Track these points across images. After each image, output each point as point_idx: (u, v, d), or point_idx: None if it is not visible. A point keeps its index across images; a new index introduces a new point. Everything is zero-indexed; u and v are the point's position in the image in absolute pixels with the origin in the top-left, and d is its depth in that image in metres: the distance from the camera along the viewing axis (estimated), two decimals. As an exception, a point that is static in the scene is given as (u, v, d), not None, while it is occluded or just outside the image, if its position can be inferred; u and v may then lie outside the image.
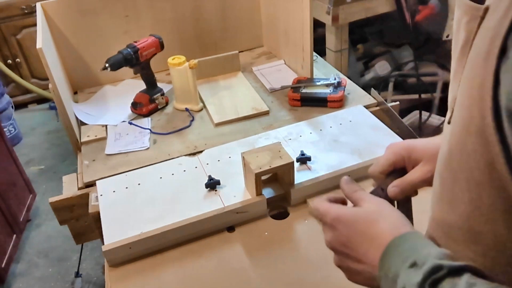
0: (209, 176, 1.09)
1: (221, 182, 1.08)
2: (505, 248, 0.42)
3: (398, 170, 0.64)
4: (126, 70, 1.40)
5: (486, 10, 0.39)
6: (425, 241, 0.47)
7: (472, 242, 0.44)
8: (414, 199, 0.64)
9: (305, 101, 1.39)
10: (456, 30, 0.45)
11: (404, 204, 0.62)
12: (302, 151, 1.13)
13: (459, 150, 0.42)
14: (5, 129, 2.64)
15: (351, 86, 1.47)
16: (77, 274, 1.97)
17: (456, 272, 0.41)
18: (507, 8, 0.36)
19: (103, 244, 0.95)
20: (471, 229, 0.44)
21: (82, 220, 1.18)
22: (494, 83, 0.36)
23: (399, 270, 0.44)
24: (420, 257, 0.43)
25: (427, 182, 0.61)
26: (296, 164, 1.10)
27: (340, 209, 0.55)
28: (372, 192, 0.62)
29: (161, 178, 1.14)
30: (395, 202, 0.62)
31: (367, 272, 0.50)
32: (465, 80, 0.41)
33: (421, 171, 0.61)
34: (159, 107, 1.46)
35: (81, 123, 1.42)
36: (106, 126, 1.39)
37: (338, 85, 1.39)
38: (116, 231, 0.98)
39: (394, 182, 0.62)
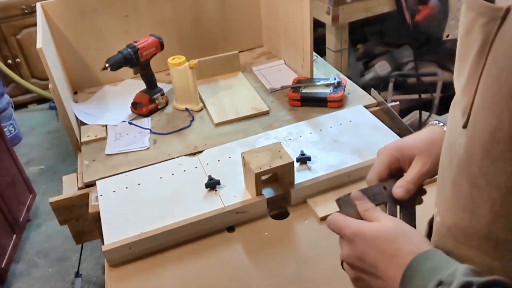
0: (209, 176, 1.09)
1: (221, 182, 1.08)
2: None
3: (395, 172, 0.64)
4: (126, 70, 1.40)
5: (508, 11, 0.37)
6: (447, 258, 0.46)
7: (491, 248, 0.44)
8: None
9: (305, 101, 1.39)
10: (465, 33, 0.43)
11: (407, 208, 0.61)
12: (302, 151, 1.13)
13: (482, 156, 0.41)
14: (5, 129, 2.64)
15: (351, 86, 1.47)
16: (77, 274, 1.97)
17: (485, 286, 0.40)
18: None
19: (103, 244, 0.95)
20: (492, 236, 0.43)
21: (82, 220, 1.18)
22: None
23: (425, 286, 0.43)
24: (446, 276, 0.42)
25: (427, 175, 0.61)
26: (296, 164, 1.10)
27: (359, 224, 0.54)
28: (373, 189, 0.61)
29: (161, 178, 1.14)
30: (398, 207, 0.61)
31: (390, 282, 0.48)
32: (489, 86, 0.40)
33: (418, 166, 0.61)
34: (159, 107, 1.46)
35: (81, 123, 1.42)
36: (106, 126, 1.39)
37: (338, 85, 1.39)
38: (116, 231, 0.98)
39: (397, 183, 0.61)
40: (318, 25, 1.83)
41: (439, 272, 0.43)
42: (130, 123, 1.40)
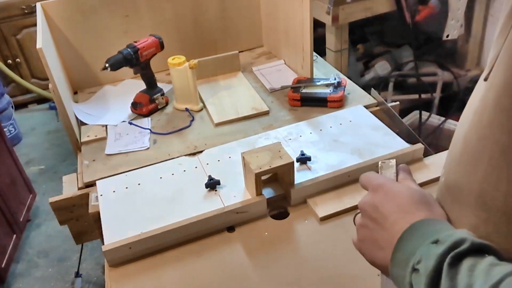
0: (209, 176, 1.09)
1: (221, 182, 1.08)
2: (509, 215, 0.41)
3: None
4: (126, 70, 1.40)
5: None
6: (451, 226, 0.47)
7: (479, 206, 0.44)
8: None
9: (305, 101, 1.39)
10: None
11: None
12: (302, 151, 1.13)
13: (494, 107, 0.41)
14: (5, 129, 2.64)
15: (351, 86, 1.47)
16: (77, 274, 1.97)
17: (479, 250, 0.40)
18: None
19: (103, 244, 0.95)
20: (483, 193, 0.43)
21: (82, 220, 1.18)
22: None
23: (418, 247, 0.44)
24: (443, 236, 0.43)
25: None
26: (296, 164, 1.10)
27: (388, 180, 0.55)
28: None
29: (161, 178, 1.14)
30: None
31: (391, 235, 0.49)
32: None
33: None
34: (159, 107, 1.46)
35: (81, 123, 1.42)
36: (106, 126, 1.39)
37: (338, 85, 1.39)
38: (116, 231, 0.98)
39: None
40: (318, 25, 1.83)
41: (440, 233, 0.44)
42: (130, 123, 1.40)
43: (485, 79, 0.44)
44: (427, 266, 0.41)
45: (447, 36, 2.13)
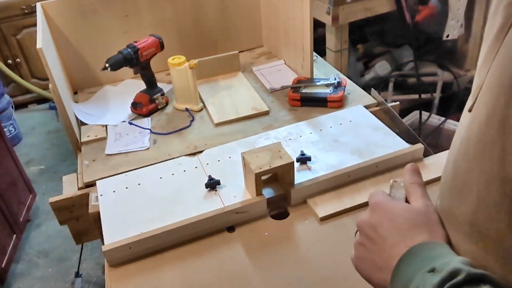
0: (209, 176, 1.09)
1: (221, 182, 1.08)
2: (505, 245, 0.41)
3: None
4: (126, 70, 1.40)
5: None
6: (449, 251, 0.46)
7: (475, 236, 0.44)
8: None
9: (305, 101, 1.39)
10: (492, 14, 0.43)
11: None
12: (302, 151, 1.13)
13: (478, 139, 0.41)
14: (5, 129, 2.64)
15: (351, 86, 1.47)
16: (77, 274, 1.97)
17: (474, 280, 0.40)
18: None
19: (103, 244, 0.95)
20: (476, 223, 0.43)
21: (82, 220, 1.18)
22: None
23: (416, 274, 0.44)
24: (440, 264, 0.43)
25: None
26: (296, 164, 1.10)
27: (387, 198, 0.54)
28: None
29: (161, 178, 1.14)
30: None
31: (389, 257, 0.49)
32: (497, 67, 0.39)
33: None
34: (159, 107, 1.46)
35: (81, 123, 1.42)
36: (106, 126, 1.39)
37: (338, 85, 1.39)
38: (116, 231, 0.98)
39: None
40: (318, 25, 1.83)
41: (437, 260, 0.44)
42: (130, 123, 1.40)
43: (469, 110, 0.44)
44: None
45: (447, 36, 2.13)
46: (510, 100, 0.36)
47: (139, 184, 1.13)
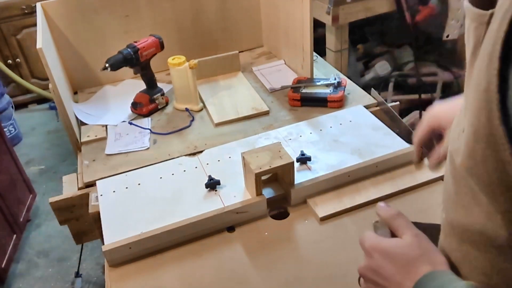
0: (209, 176, 1.09)
1: (221, 182, 1.08)
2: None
3: (437, 136, 0.71)
4: (126, 70, 1.40)
5: (491, 15, 0.39)
6: (454, 278, 0.48)
7: (487, 246, 0.45)
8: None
9: (305, 101, 1.39)
10: (466, 37, 0.46)
11: None
12: (302, 151, 1.13)
13: (470, 156, 0.42)
14: (5, 129, 2.64)
15: (351, 86, 1.47)
16: (77, 274, 1.97)
17: None
18: (506, 10, 0.36)
19: (103, 244, 0.95)
20: (485, 235, 0.44)
21: (82, 220, 1.18)
22: (499, 86, 0.36)
23: None
24: None
25: None
26: (296, 164, 1.10)
27: (378, 239, 0.56)
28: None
29: (161, 178, 1.14)
30: None
31: None
32: (473, 86, 0.41)
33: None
34: (159, 107, 1.46)
35: (81, 123, 1.42)
36: (106, 126, 1.39)
37: (338, 85, 1.39)
38: (116, 231, 0.98)
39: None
40: (318, 25, 1.83)
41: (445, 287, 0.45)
42: (130, 123, 1.40)
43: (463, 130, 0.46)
44: None
45: (447, 36, 2.13)
46: (490, 116, 0.37)
47: (139, 184, 1.13)
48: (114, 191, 1.11)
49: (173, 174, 1.15)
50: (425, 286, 0.48)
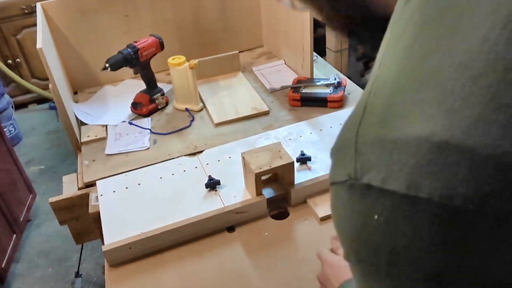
0: (209, 176, 1.09)
1: (221, 182, 1.08)
2: None
3: None
4: (126, 70, 1.40)
5: None
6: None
7: None
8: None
9: (305, 101, 1.39)
10: None
11: None
12: (302, 151, 1.13)
13: None
14: (5, 129, 2.64)
15: (351, 86, 1.47)
16: (77, 274, 1.97)
17: None
18: None
19: (103, 244, 0.95)
20: None
21: (82, 220, 1.18)
22: None
23: None
24: None
25: None
26: (296, 164, 1.10)
27: (328, 254, 0.79)
28: None
29: (161, 178, 1.14)
30: None
31: None
32: None
33: None
34: (159, 107, 1.46)
35: (81, 123, 1.42)
36: (106, 126, 1.39)
37: (338, 85, 1.39)
38: (116, 231, 0.98)
39: None
40: (318, 25, 1.83)
41: None
42: (130, 123, 1.40)
43: None
44: None
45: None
46: None
47: (139, 184, 1.13)
48: (114, 191, 1.11)
49: (173, 174, 1.15)
50: (345, 286, 0.67)
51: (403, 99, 0.30)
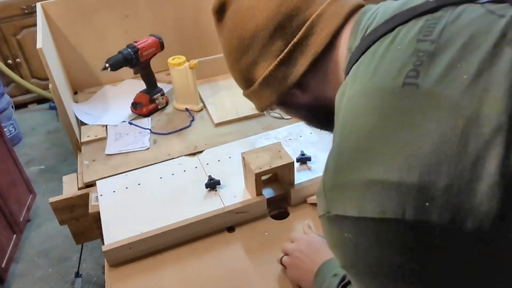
0: (209, 176, 1.09)
1: (221, 182, 1.08)
2: None
3: None
4: (126, 70, 1.40)
5: None
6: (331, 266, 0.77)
7: None
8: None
9: (305, 101, 1.39)
10: None
11: None
12: (302, 151, 1.13)
13: None
14: (5, 129, 2.64)
15: (351, 86, 1.47)
16: (77, 274, 1.97)
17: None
18: None
19: (103, 244, 0.95)
20: None
21: (82, 220, 1.18)
22: None
23: (326, 277, 0.73)
24: (339, 271, 0.71)
25: None
26: (296, 164, 1.10)
27: (302, 234, 0.91)
28: None
29: (161, 178, 1.14)
30: None
31: (311, 268, 0.79)
32: None
33: None
34: (159, 107, 1.46)
35: (81, 123, 1.42)
36: (106, 126, 1.39)
37: (338, 85, 1.39)
38: (116, 231, 0.98)
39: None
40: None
41: (337, 268, 0.72)
42: (130, 123, 1.40)
43: None
44: None
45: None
46: None
47: (139, 184, 1.13)
48: (114, 191, 1.11)
49: (173, 174, 1.15)
50: (327, 265, 0.76)
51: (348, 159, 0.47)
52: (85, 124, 1.41)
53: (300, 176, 1.06)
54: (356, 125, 0.46)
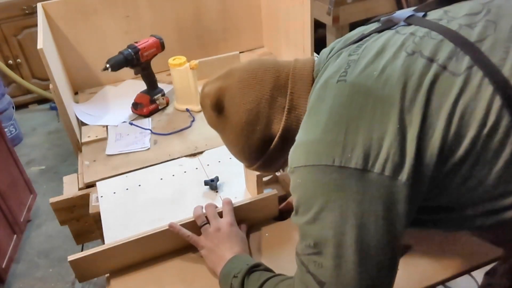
0: (210, 177, 1.08)
1: (222, 183, 1.08)
2: None
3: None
4: (127, 71, 1.40)
5: None
6: (247, 259, 0.84)
7: None
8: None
9: (306, 101, 1.39)
10: None
11: None
12: (302, 152, 1.13)
13: None
14: (5, 130, 2.64)
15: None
16: (78, 275, 1.97)
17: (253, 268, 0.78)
18: None
19: (104, 244, 0.94)
20: None
21: (82, 221, 1.18)
22: None
23: (236, 267, 0.80)
24: (236, 272, 0.79)
25: None
26: (297, 165, 1.10)
27: (222, 223, 0.91)
28: None
29: (161, 179, 1.14)
30: None
31: (221, 260, 0.85)
32: None
33: None
34: (159, 107, 1.46)
35: (81, 124, 1.42)
36: (106, 126, 1.39)
37: (338, 86, 1.39)
38: (117, 232, 0.98)
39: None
40: (318, 26, 1.83)
41: (249, 261, 0.82)
42: (131, 124, 1.40)
43: None
44: (240, 277, 0.77)
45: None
46: None
47: (139, 185, 1.12)
48: (114, 193, 1.11)
49: (173, 175, 1.15)
50: (237, 257, 0.84)
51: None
52: (86, 124, 1.41)
53: (301, 177, 1.05)
54: (316, 106, 0.65)
